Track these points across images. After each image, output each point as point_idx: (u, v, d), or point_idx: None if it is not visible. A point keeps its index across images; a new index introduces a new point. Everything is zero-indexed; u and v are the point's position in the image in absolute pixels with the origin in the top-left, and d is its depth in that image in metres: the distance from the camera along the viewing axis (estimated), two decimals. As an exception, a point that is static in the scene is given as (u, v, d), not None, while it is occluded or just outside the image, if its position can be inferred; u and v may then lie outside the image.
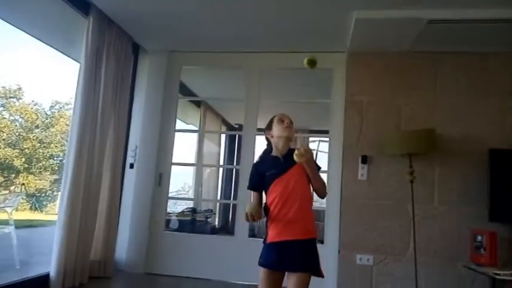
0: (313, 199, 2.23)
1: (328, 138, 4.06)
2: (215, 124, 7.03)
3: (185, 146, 5.87)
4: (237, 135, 6.95)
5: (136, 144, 4.23)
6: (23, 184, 18.53)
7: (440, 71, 3.69)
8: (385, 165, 3.63)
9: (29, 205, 17.99)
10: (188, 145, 6.33)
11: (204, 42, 4.10)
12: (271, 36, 3.82)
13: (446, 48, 3.61)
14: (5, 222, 4.19)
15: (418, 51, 3.66)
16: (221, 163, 7.47)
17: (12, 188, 18.59)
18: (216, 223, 6.75)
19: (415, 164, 3.40)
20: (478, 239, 3.16)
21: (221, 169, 7.62)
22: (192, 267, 4.01)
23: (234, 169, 7.26)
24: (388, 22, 3.18)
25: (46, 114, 20.34)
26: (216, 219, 6.87)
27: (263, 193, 2.20)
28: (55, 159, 19.48)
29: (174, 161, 4.32)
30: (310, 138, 6.63)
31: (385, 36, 3.46)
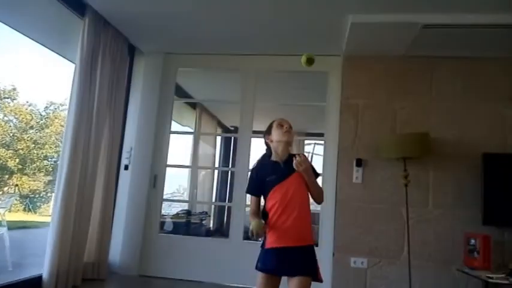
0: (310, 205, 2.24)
1: (323, 141, 4.07)
2: (211, 126, 7.03)
3: (180, 147, 5.86)
4: (232, 138, 6.94)
5: (131, 145, 4.22)
6: (16, 185, 18.42)
7: (435, 76, 3.71)
8: (380, 168, 3.64)
9: (23, 206, 17.86)
10: (183, 147, 6.32)
11: (200, 44, 4.10)
12: (266, 38, 3.83)
13: (442, 53, 3.64)
14: (-3, 224, 4.16)
15: (413, 55, 3.67)
16: (216, 165, 7.47)
17: (5, 189, 18.46)
18: (210, 225, 6.74)
19: (409, 167, 3.41)
20: (471, 243, 3.17)
21: (216, 171, 7.60)
22: (187, 270, 3.99)
23: (229, 171, 7.25)
24: (383, 26, 3.20)
25: (41, 115, 20.26)
26: (211, 222, 6.86)
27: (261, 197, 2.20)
28: (49, 160, 19.39)
29: (169, 162, 4.31)
30: (306, 141, 6.65)
31: (380, 40, 3.48)
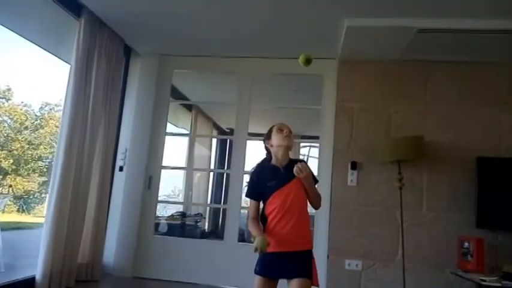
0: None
1: (318, 144, 4.08)
2: (206, 128, 7.03)
3: (176, 149, 5.85)
4: (228, 140, 6.94)
5: (126, 147, 4.21)
6: (10, 186, 18.28)
7: (430, 80, 3.73)
8: (375, 171, 3.65)
9: (17, 207, 17.74)
10: (179, 148, 6.31)
11: (196, 46, 4.10)
12: (262, 41, 3.83)
13: (437, 57, 3.66)
14: (-10, 225, 4.14)
15: (409, 59, 3.70)
16: (212, 167, 7.46)
17: (-1, 189, 18.35)
18: (205, 227, 6.73)
19: (404, 171, 3.43)
20: (465, 246, 3.19)
21: (212, 173, 7.60)
22: (181, 272, 3.98)
23: (224, 173, 7.25)
24: (379, 30, 3.21)
25: (35, 115, 20.12)
26: (206, 224, 6.85)
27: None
28: (44, 161, 19.26)
29: (164, 164, 4.30)
30: (301, 144, 6.66)
31: (376, 44, 3.50)
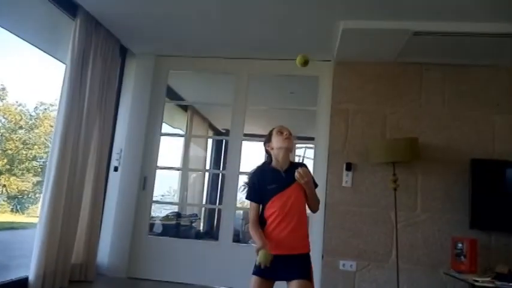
0: None
1: (313, 145, 4.09)
2: (202, 129, 7.03)
3: (171, 149, 5.85)
4: (223, 140, 6.94)
5: (121, 147, 4.20)
6: (4, 186, 18.17)
7: (425, 82, 3.75)
8: (370, 172, 3.67)
9: (10, 207, 17.63)
10: (174, 149, 6.31)
11: (192, 47, 4.10)
12: (258, 42, 3.84)
13: (432, 59, 3.68)
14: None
15: (404, 61, 3.72)
16: (207, 168, 7.45)
17: (-8, 189, 18.22)
18: (200, 228, 6.73)
19: (398, 172, 3.45)
20: (458, 246, 3.21)
21: (207, 174, 7.60)
22: (176, 272, 3.98)
23: (220, 174, 7.25)
24: (374, 32, 3.23)
25: (30, 115, 20.00)
26: (201, 224, 6.85)
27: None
28: (38, 160, 19.14)
29: (159, 164, 4.30)
30: (297, 145, 6.66)
31: (371, 47, 3.52)
